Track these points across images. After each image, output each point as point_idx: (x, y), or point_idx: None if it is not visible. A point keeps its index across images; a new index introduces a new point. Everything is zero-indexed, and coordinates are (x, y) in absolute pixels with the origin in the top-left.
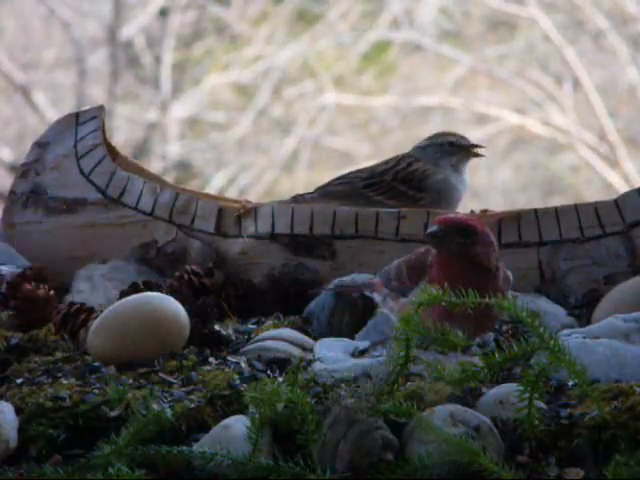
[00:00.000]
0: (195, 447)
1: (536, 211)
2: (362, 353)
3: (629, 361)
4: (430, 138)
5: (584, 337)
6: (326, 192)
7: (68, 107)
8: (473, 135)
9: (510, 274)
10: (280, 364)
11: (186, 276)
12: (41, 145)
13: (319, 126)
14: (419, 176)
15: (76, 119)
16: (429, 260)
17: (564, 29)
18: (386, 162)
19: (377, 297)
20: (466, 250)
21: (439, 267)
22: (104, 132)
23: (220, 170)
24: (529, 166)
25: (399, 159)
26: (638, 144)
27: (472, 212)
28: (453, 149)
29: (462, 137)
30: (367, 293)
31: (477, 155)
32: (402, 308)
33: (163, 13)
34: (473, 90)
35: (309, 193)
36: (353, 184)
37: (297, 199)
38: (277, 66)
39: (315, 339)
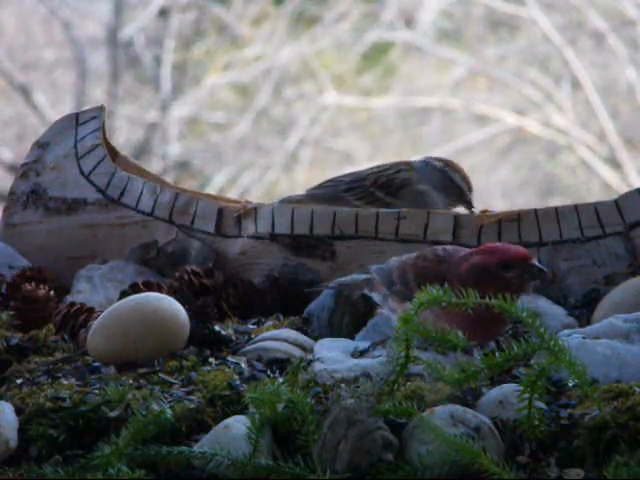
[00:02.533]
0: (195, 447)
1: (536, 211)
2: (362, 353)
3: (629, 361)
4: (447, 165)
5: (584, 337)
6: (312, 194)
7: (68, 107)
8: (473, 136)
9: None
10: (280, 364)
11: (186, 276)
12: (41, 145)
13: (319, 126)
14: (398, 183)
15: (76, 119)
16: (444, 270)
17: (563, 30)
18: (377, 167)
19: (376, 296)
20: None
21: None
22: (104, 132)
23: (220, 170)
24: (529, 166)
25: (392, 165)
26: (637, 144)
27: (472, 213)
28: (456, 196)
29: (470, 188)
30: (366, 292)
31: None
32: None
33: (163, 13)
34: (473, 91)
35: (297, 195)
36: (336, 187)
37: (285, 201)
38: (277, 66)
39: (315, 339)
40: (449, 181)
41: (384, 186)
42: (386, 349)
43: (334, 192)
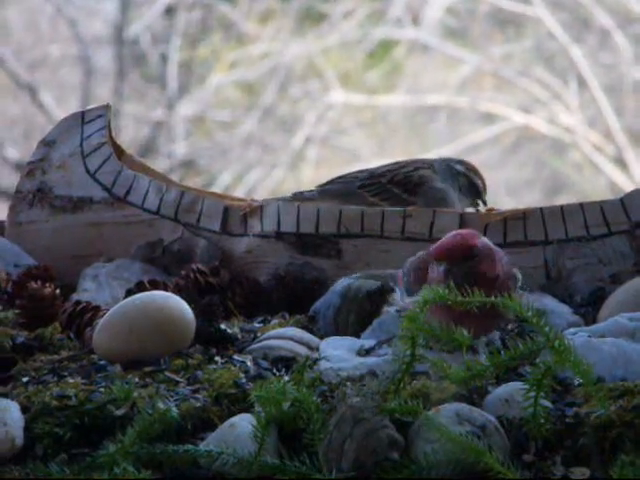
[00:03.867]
0: (201, 446)
1: (542, 210)
2: (368, 352)
3: (635, 360)
4: (462, 163)
5: (590, 336)
6: (325, 190)
7: (74, 106)
8: (479, 134)
9: (517, 272)
10: (286, 363)
11: (192, 275)
12: (47, 144)
13: (325, 124)
14: (416, 180)
15: (82, 118)
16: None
17: (570, 28)
18: (393, 164)
19: (398, 291)
20: (473, 274)
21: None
22: (110, 131)
23: (226, 169)
24: (535, 165)
25: (409, 163)
26: None
27: (477, 211)
28: (474, 196)
29: (485, 189)
30: (392, 284)
31: (476, 205)
32: (406, 307)
33: (169, 11)
34: (479, 89)
35: (309, 191)
36: (350, 183)
37: (297, 196)
38: (283, 64)
39: (321, 338)
40: (471, 184)
41: (401, 183)
42: (392, 347)
43: (348, 188)
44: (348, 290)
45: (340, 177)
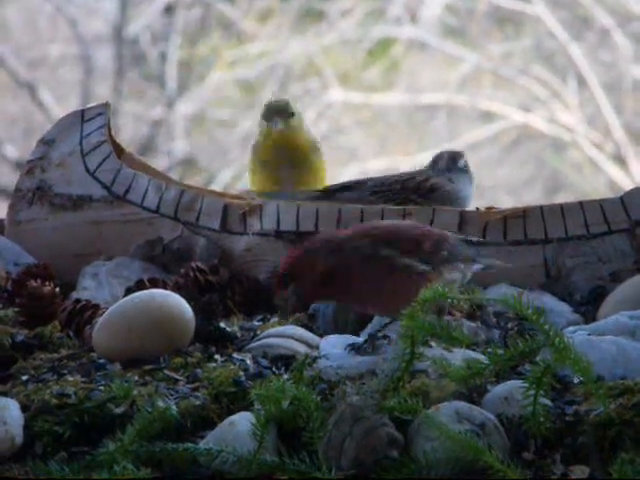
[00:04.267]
0: (200, 444)
1: (541, 208)
2: (358, 348)
3: (635, 358)
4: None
5: (589, 334)
6: (335, 198)
7: (74, 104)
8: (478, 133)
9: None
10: (285, 361)
11: (191, 273)
12: (47, 142)
13: (324, 123)
14: (429, 187)
15: (82, 116)
16: None
17: (569, 26)
18: (403, 174)
19: None
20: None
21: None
22: (109, 129)
23: (226, 167)
24: (534, 163)
25: (418, 172)
26: None
27: (477, 209)
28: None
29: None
30: None
31: None
32: None
33: (168, 10)
34: (478, 87)
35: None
36: (362, 191)
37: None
38: (282, 63)
39: (320, 336)
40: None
41: (414, 190)
42: (390, 344)
43: (360, 195)
44: None
45: (357, 183)
